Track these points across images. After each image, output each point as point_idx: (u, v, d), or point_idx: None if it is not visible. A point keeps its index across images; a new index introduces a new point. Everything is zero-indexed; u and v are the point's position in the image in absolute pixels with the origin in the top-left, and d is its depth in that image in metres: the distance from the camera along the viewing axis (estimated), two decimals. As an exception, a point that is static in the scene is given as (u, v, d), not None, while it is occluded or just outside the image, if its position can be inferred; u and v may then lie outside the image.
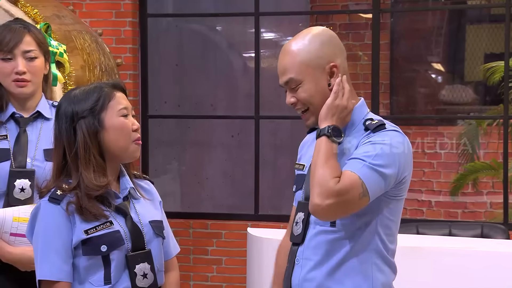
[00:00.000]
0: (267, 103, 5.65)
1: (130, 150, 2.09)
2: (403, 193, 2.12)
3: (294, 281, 2.12)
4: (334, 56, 2.10)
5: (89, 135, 2.03)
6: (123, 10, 5.32)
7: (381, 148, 2.00)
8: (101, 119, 2.04)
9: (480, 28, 6.85)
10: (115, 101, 2.07)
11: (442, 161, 6.32)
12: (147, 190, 2.22)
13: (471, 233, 3.99)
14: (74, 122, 2.04)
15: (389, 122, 2.11)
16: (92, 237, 2.01)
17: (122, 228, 2.05)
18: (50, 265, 2.00)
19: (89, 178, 2.02)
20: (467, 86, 6.80)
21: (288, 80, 2.10)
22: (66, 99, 2.09)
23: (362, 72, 6.20)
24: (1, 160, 2.55)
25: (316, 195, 1.97)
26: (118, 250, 2.03)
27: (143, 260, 2.06)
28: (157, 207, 2.21)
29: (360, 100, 2.15)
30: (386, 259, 2.10)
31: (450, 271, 3.41)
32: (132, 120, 2.10)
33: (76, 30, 3.41)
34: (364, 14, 6.43)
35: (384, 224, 2.08)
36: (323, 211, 1.98)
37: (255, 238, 3.86)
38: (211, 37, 6.53)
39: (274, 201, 6.14)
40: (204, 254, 5.54)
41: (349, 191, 1.96)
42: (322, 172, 1.98)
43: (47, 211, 2.03)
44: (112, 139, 2.05)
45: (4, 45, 2.57)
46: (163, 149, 6.15)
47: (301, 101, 2.10)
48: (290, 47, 2.11)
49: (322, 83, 2.08)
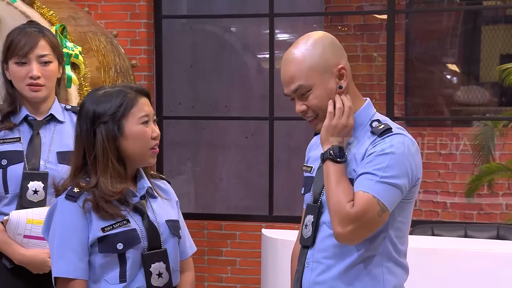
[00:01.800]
0: (282, 104, 5.64)
1: (146, 157, 2.09)
2: (415, 195, 2.11)
3: (305, 285, 2.12)
4: (339, 58, 2.09)
5: (108, 140, 2.03)
6: (138, 11, 5.33)
7: (390, 158, 1.99)
8: (121, 125, 2.04)
9: (495, 29, 6.81)
10: (137, 108, 2.07)
11: (457, 163, 6.29)
12: (164, 189, 2.22)
13: (487, 235, 3.97)
14: (94, 124, 2.04)
15: (396, 124, 2.10)
16: (108, 235, 2.01)
17: (139, 226, 2.05)
18: (66, 262, 2.01)
19: (105, 184, 2.02)
20: (483, 87, 6.76)
21: (297, 87, 2.07)
22: (90, 99, 2.09)
23: (377, 73, 6.18)
24: (14, 162, 2.56)
25: (336, 224, 1.98)
26: (134, 249, 2.03)
27: (158, 259, 2.07)
28: (174, 206, 2.21)
29: (366, 101, 2.15)
30: (397, 261, 2.09)
31: (466, 273, 3.39)
32: (153, 127, 2.09)
33: (92, 32, 3.42)
34: (378, 15, 6.41)
35: (395, 226, 2.07)
36: (348, 238, 1.98)
37: (269, 239, 3.86)
38: (225, 38, 6.53)
39: (288, 202, 6.14)
40: (218, 255, 5.54)
41: (366, 213, 1.95)
42: (336, 199, 1.99)
43: (64, 208, 2.03)
44: (130, 146, 2.06)
45: (19, 49, 2.58)
46: (177, 150, 6.16)
47: (312, 108, 2.08)
48: (293, 54, 2.09)
49: (331, 86, 2.07)
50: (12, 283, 2.55)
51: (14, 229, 2.48)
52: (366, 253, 2.04)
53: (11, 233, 2.49)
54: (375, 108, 2.16)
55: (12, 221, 2.48)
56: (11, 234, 2.50)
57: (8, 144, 2.58)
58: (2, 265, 2.55)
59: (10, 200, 2.56)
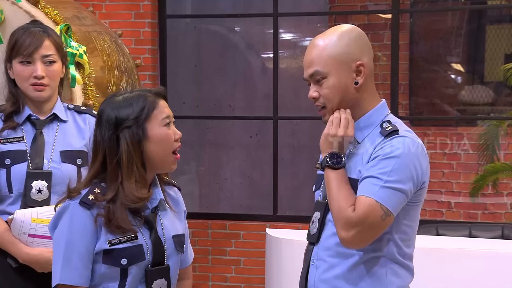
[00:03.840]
0: (286, 104, 5.64)
1: (168, 162, 2.07)
2: (421, 199, 2.10)
3: (310, 282, 2.12)
4: (362, 54, 2.08)
5: (132, 145, 2.00)
6: (142, 11, 5.34)
7: (395, 162, 1.98)
8: (145, 128, 2.02)
9: (500, 28, 6.80)
10: (159, 110, 2.05)
11: (461, 162, 6.28)
12: (175, 200, 2.19)
13: (492, 235, 3.97)
14: (118, 130, 2.01)
15: (405, 127, 2.09)
16: (114, 249, 1.99)
17: (146, 242, 2.03)
18: (71, 269, 1.98)
19: (130, 189, 1.99)
20: (487, 86, 6.75)
21: (314, 72, 2.08)
22: (109, 105, 2.05)
23: (381, 72, 6.17)
24: (18, 161, 2.56)
25: (340, 229, 1.99)
26: (137, 265, 2.01)
27: (160, 276, 2.05)
28: (182, 219, 2.18)
29: (381, 101, 2.14)
30: (402, 263, 2.08)
31: (470, 272, 3.39)
32: (174, 129, 2.08)
33: (96, 31, 3.42)
34: (383, 14, 6.40)
35: (400, 230, 2.06)
36: (352, 242, 1.99)
37: (274, 239, 3.86)
38: (229, 38, 6.53)
39: (292, 202, 6.13)
40: (222, 254, 5.54)
41: (368, 217, 1.96)
42: (337, 204, 2.00)
43: (76, 213, 2.00)
44: (154, 149, 2.03)
45: (24, 49, 2.58)
46: (181, 149, 6.12)
47: (323, 96, 2.09)
48: (318, 41, 2.10)
49: (346, 80, 2.07)
50: (17, 282, 2.55)
51: (19, 228, 2.49)
52: (369, 254, 2.04)
53: (16, 232, 2.50)
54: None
55: (16, 220, 2.48)
56: (15, 233, 2.50)
57: (11, 144, 2.58)
58: (7, 264, 2.55)
59: (14, 199, 2.56)
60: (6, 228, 2.52)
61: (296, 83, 5.97)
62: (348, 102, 2.08)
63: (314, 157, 2.31)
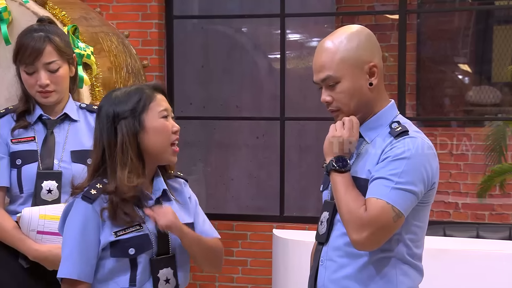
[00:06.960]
0: (293, 105, 5.64)
1: (166, 154, 2.09)
2: (431, 199, 2.10)
3: (319, 282, 2.12)
4: (373, 55, 2.07)
5: (128, 136, 2.03)
6: (149, 12, 5.34)
7: (406, 163, 1.97)
8: (142, 120, 2.05)
9: (507, 29, 6.78)
10: (156, 102, 2.08)
11: (469, 163, 6.27)
12: (180, 191, 2.21)
13: (499, 236, 3.96)
14: (115, 123, 2.05)
15: (414, 127, 2.09)
16: (120, 240, 2.02)
17: (150, 231, 2.05)
18: (72, 263, 2.02)
19: (121, 179, 2.02)
20: (495, 87, 6.73)
21: (326, 77, 2.06)
22: (107, 101, 2.10)
23: (388, 73, 6.16)
24: (28, 161, 2.56)
25: (351, 231, 1.98)
26: (145, 254, 2.04)
27: (166, 265, 2.07)
28: (188, 209, 2.20)
29: (390, 102, 2.14)
30: (411, 263, 2.07)
31: (478, 273, 3.38)
32: (172, 122, 2.11)
33: (103, 32, 3.43)
34: (390, 15, 6.40)
35: (410, 230, 2.05)
36: (364, 244, 1.98)
37: (280, 240, 3.86)
38: (236, 38, 6.54)
39: (299, 202, 6.13)
40: (229, 255, 5.54)
41: (379, 218, 1.95)
42: (347, 207, 1.98)
43: (79, 208, 2.04)
44: (151, 141, 2.06)
45: (26, 58, 2.56)
46: (188, 150, 6.16)
47: (336, 100, 2.07)
48: (328, 44, 2.07)
49: (360, 82, 2.06)
50: (29, 283, 2.55)
51: (27, 225, 2.49)
52: (379, 254, 2.03)
53: (25, 229, 2.50)
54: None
55: (24, 217, 2.49)
56: (24, 231, 2.50)
57: (22, 144, 2.58)
58: (18, 265, 2.55)
59: (25, 199, 2.56)
60: (15, 225, 2.52)
61: (303, 83, 5.98)
62: (363, 103, 2.07)
63: (321, 157, 2.30)
